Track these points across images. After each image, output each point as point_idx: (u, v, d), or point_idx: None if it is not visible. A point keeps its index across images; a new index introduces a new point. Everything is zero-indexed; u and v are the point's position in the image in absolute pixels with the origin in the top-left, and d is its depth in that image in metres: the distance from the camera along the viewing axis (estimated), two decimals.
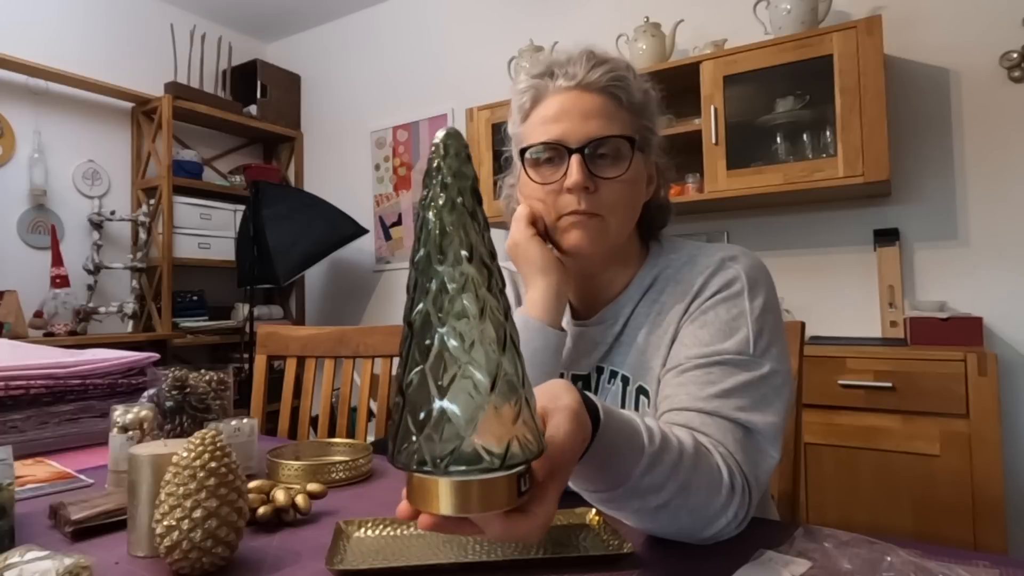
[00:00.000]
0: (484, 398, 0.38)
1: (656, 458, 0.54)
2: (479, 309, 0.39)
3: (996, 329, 1.92)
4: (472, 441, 0.37)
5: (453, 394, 0.38)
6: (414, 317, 0.39)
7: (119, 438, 0.85)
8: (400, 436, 0.39)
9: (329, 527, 0.68)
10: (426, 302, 0.39)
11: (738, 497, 0.60)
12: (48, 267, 2.60)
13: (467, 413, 0.37)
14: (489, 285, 0.40)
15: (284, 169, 3.62)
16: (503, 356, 0.39)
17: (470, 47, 3.02)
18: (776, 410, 0.67)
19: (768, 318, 0.71)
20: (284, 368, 1.42)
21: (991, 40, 1.94)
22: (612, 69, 0.73)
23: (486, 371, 0.38)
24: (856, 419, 1.67)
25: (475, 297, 0.39)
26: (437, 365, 0.38)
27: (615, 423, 0.52)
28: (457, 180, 0.40)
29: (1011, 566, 0.53)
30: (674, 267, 0.78)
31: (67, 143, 2.82)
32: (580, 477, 0.54)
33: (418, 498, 0.40)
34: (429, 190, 0.40)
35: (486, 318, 0.39)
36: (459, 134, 0.41)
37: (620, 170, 0.72)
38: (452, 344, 0.38)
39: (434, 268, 0.39)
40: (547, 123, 0.73)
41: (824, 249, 2.19)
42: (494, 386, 0.38)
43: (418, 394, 0.38)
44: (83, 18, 2.91)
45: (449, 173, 0.40)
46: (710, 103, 2.04)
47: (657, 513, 0.57)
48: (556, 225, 0.75)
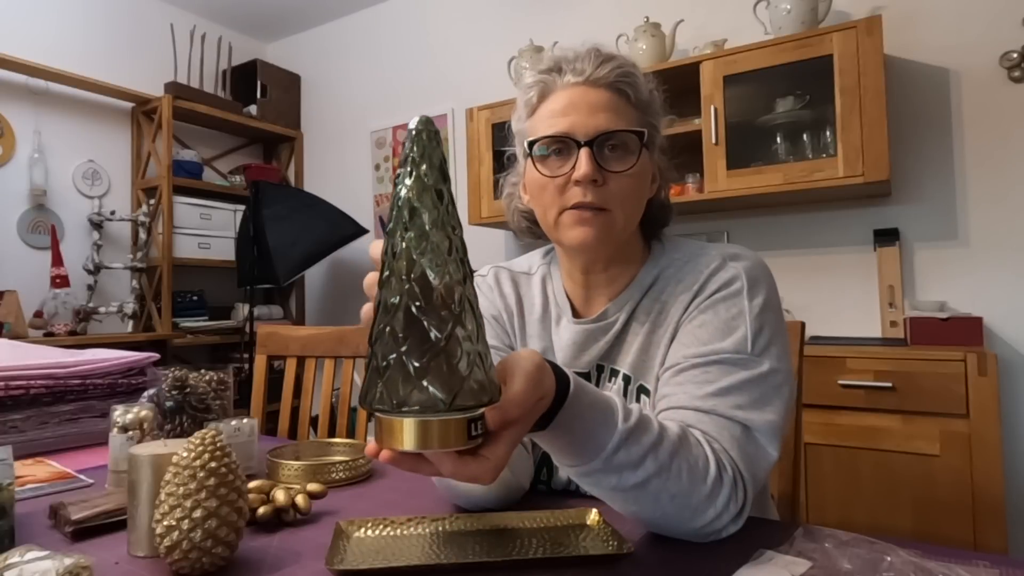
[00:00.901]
0: (439, 349, 0.43)
1: (632, 435, 0.56)
2: (439, 274, 0.44)
3: (996, 329, 1.92)
4: (425, 386, 0.43)
5: (411, 346, 0.43)
6: (383, 277, 0.45)
7: (119, 438, 0.85)
8: (368, 382, 0.45)
9: (329, 527, 0.68)
10: (393, 264, 0.44)
11: (727, 489, 0.60)
12: (48, 267, 2.60)
13: (422, 362, 0.43)
14: (449, 251, 0.45)
15: (284, 169, 3.62)
16: (461, 315, 0.44)
17: (470, 47, 3.02)
18: (775, 409, 0.67)
19: (768, 317, 0.71)
20: (284, 368, 1.42)
21: (991, 40, 1.94)
22: (620, 65, 0.74)
23: (441, 328, 0.43)
24: (856, 419, 1.67)
25: (435, 263, 0.44)
26: (398, 321, 0.43)
27: (588, 397, 0.56)
28: (425, 160, 0.45)
29: (1011, 566, 0.53)
30: (676, 266, 0.78)
31: (67, 143, 2.82)
32: (556, 448, 0.57)
33: (383, 436, 0.45)
34: (402, 168, 0.46)
35: (444, 281, 0.44)
36: (430, 120, 0.46)
37: (628, 164, 0.72)
38: (413, 304, 0.43)
39: (400, 236, 0.44)
40: (555, 117, 0.73)
41: (824, 249, 2.19)
42: (448, 340, 0.43)
43: (381, 346, 0.44)
44: (83, 18, 2.91)
45: (419, 153, 0.45)
46: (710, 103, 2.04)
47: (637, 494, 0.58)
48: (559, 220, 0.74)
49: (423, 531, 0.65)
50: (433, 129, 0.46)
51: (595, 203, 0.71)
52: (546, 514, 0.67)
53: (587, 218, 0.72)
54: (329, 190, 3.41)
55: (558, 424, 0.54)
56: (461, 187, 2.96)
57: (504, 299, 0.88)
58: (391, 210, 0.46)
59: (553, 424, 0.54)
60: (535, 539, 0.62)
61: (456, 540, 0.62)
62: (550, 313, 0.85)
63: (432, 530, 0.65)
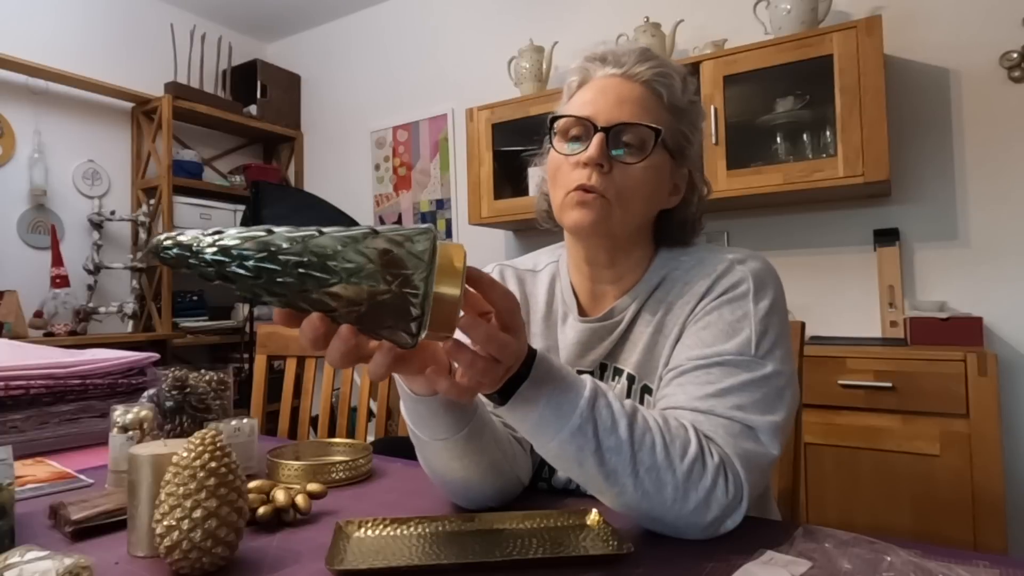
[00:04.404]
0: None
1: (601, 398, 0.59)
2: (296, 251, 0.46)
3: (996, 329, 1.92)
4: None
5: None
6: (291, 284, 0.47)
7: (119, 438, 0.85)
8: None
9: (329, 527, 0.68)
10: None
11: (711, 473, 0.60)
12: (48, 267, 2.60)
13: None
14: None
15: (284, 169, 3.62)
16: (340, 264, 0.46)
17: (470, 47, 3.02)
18: (776, 410, 0.67)
19: (773, 320, 0.71)
20: (284, 368, 1.42)
21: (991, 40, 1.94)
22: (660, 65, 0.75)
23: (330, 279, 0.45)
24: (856, 419, 1.67)
25: (348, 277, 0.45)
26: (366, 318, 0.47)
27: (555, 364, 0.59)
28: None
29: (1011, 566, 0.53)
30: (683, 268, 0.78)
31: (67, 143, 2.82)
32: (529, 423, 0.59)
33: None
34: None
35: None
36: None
37: (638, 158, 0.73)
38: (362, 307, 0.47)
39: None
40: (584, 102, 0.75)
41: (824, 249, 2.19)
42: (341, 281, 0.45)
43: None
44: (83, 18, 2.91)
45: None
46: (710, 103, 2.04)
47: (612, 463, 0.58)
48: (564, 202, 0.75)
49: (423, 531, 0.65)
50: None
51: (596, 188, 0.72)
52: (546, 514, 0.67)
53: (586, 200, 0.72)
54: (329, 190, 3.41)
55: (527, 390, 0.56)
56: (461, 187, 2.96)
57: None
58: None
59: (523, 388, 0.56)
60: (535, 539, 0.62)
61: (456, 540, 0.62)
62: (555, 311, 0.85)
63: (432, 530, 0.65)
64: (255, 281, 0.45)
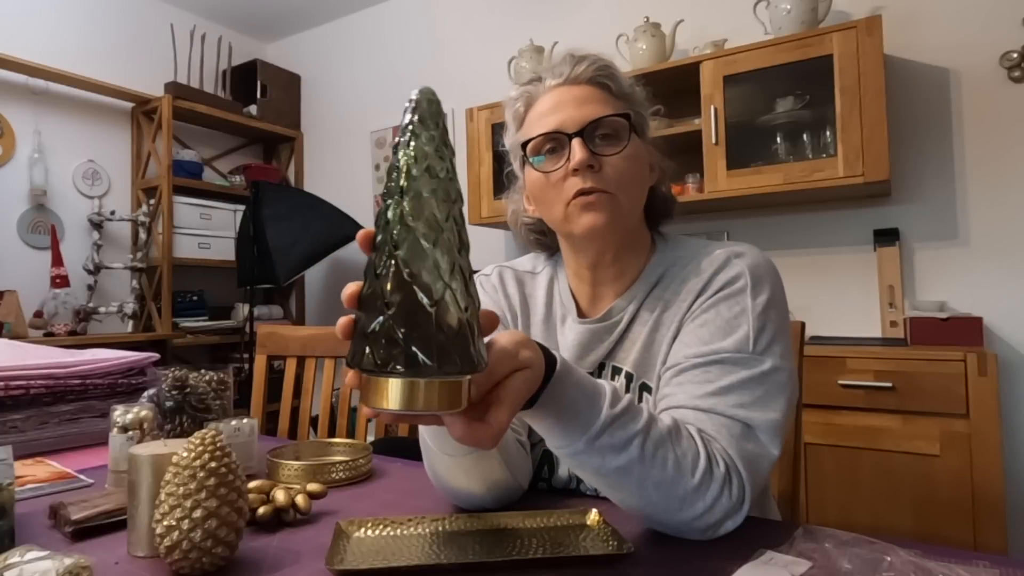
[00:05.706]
0: (428, 316, 0.42)
1: (617, 420, 0.57)
2: (433, 239, 0.43)
3: (996, 329, 1.92)
4: (413, 350, 0.42)
5: (399, 310, 0.42)
6: (376, 242, 0.45)
7: (119, 438, 0.85)
8: (355, 342, 0.45)
9: (329, 527, 0.68)
10: (384, 230, 0.44)
11: (717, 484, 0.60)
12: (48, 267, 2.60)
13: (409, 326, 0.42)
14: (448, 216, 0.44)
15: (284, 169, 3.62)
16: (451, 283, 0.44)
17: (470, 47, 3.02)
18: (776, 407, 0.67)
19: (771, 315, 0.71)
20: (284, 368, 1.42)
21: (991, 40, 1.94)
22: (595, 61, 0.76)
23: (431, 294, 0.43)
24: (856, 419, 1.67)
25: (430, 226, 0.43)
26: (388, 285, 0.43)
27: (575, 377, 0.57)
28: (425, 129, 0.45)
29: (1011, 566, 0.53)
30: (680, 264, 0.79)
31: (67, 143, 2.82)
32: (544, 428, 0.58)
33: (369, 395, 0.45)
34: (401, 136, 0.45)
35: (440, 247, 0.43)
36: (431, 90, 0.46)
37: (619, 147, 0.74)
38: (404, 271, 0.43)
39: (395, 199, 0.44)
40: (544, 117, 0.76)
41: (824, 249, 2.19)
42: (437, 305, 0.43)
43: (370, 305, 0.44)
44: (83, 18, 2.91)
45: (419, 121, 0.45)
46: (710, 103, 2.04)
47: (620, 479, 0.58)
48: (567, 212, 0.75)
49: (423, 531, 0.65)
50: (435, 99, 0.46)
51: (596, 187, 0.72)
52: (546, 514, 0.67)
53: (593, 202, 0.73)
54: (329, 190, 3.41)
55: (544, 402, 0.55)
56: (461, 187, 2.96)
57: (508, 299, 0.88)
58: (387, 177, 0.45)
59: (539, 402, 0.55)
60: (535, 539, 0.62)
61: (456, 540, 0.62)
62: (554, 313, 0.85)
63: (432, 530, 0.65)
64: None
